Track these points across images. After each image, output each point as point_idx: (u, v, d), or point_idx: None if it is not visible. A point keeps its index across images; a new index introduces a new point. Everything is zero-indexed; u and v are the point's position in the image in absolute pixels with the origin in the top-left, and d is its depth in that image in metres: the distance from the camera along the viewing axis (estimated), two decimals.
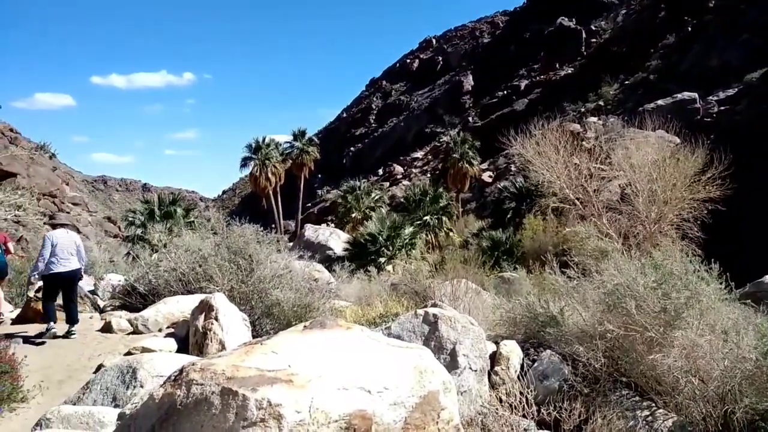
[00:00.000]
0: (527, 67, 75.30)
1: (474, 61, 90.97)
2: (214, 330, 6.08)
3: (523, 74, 74.94)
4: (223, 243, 8.34)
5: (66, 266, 7.22)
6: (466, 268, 14.38)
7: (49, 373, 5.63)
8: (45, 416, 3.22)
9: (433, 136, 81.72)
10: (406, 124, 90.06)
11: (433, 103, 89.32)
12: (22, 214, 9.25)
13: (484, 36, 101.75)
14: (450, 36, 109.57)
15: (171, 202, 27.63)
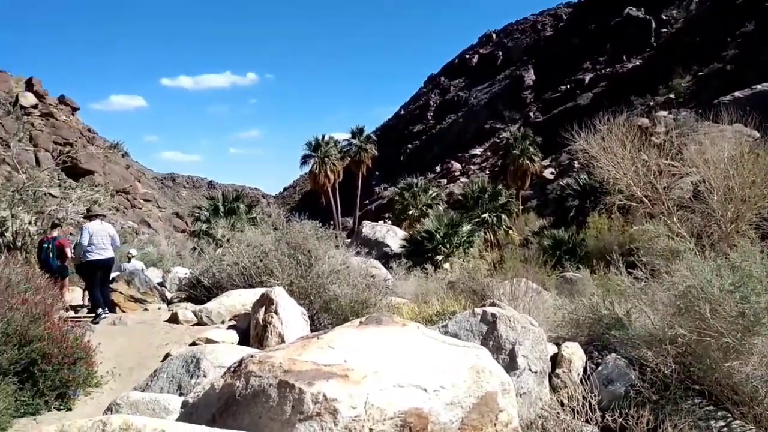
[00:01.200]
0: (592, 60, 72.66)
1: (535, 55, 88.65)
2: (274, 323, 6.21)
3: (588, 67, 72.38)
4: (283, 238, 8.52)
5: (101, 254, 7.94)
6: (526, 267, 14.05)
7: (120, 361, 5.93)
8: (115, 401, 3.39)
9: (492, 132, 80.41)
10: (465, 120, 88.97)
11: (492, 99, 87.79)
12: (98, 209, 9.79)
13: (547, 29, 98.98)
14: (511, 30, 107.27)
15: (234, 198, 28.56)
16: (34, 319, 4.77)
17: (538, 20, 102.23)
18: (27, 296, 5.24)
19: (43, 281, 6.34)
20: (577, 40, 76.42)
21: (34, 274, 6.44)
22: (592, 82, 65.71)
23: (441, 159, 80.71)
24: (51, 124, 65.90)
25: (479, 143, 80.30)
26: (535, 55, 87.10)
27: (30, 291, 5.76)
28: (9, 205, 8.38)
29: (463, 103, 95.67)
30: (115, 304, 7.74)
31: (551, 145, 53.81)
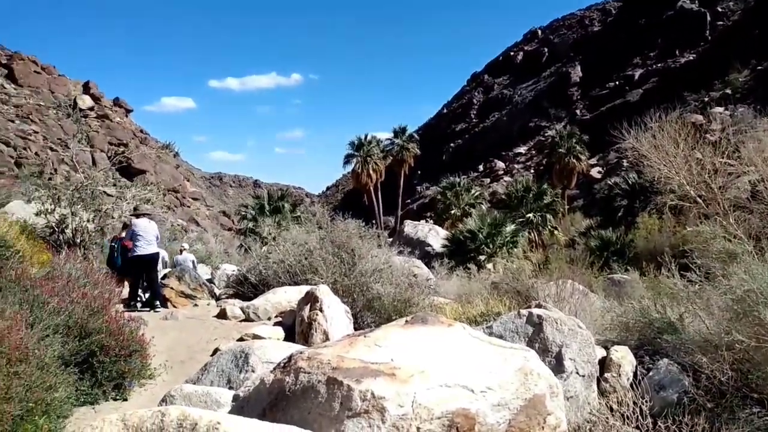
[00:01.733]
0: (642, 56, 70.27)
1: (582, 51, 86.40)
2: (319, 320, 6.31)
3: (637, 63, 70.03)
4: (327, 237, 8.63)
5: (147, 250, 8.27)
6: (572, 268, 13.73)
7: (172, 354, 6.14)
8: (169, 393, 3.52)
9: (537, 130, 78.96)
10: (509, 118, 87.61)
11: (537, 97, 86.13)
12: (150, 208, 10.16)
13: (594, 24, 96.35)
14: (557, 26, 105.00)
15: (279, 197, 29.08)
16: (93, 312, 5.00)
17: (586, 15, 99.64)
18: (86, 290, 5.49)
19: (100, 276, 6.63)
20: (627, 35, 74.05)
21: (92, 269, 6.75)
22: (642, 78, 63.55)
23: (484, 158, 79.71)
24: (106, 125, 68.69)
25: (523, 141, 78.95)
26: (582, 52, 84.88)
27: (89, 286, 6.03)
28: (69, 204, 8.82)
29: (507, 101, 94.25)
30: (167, 300, 8.05)
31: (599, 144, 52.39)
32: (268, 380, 2.58)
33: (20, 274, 4.98)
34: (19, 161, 48.73)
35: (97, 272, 6.75)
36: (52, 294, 4.86)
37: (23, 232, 6.97)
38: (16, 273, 4.94)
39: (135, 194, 9.99)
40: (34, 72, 63.54)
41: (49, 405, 3.68)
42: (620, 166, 53.02)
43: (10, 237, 5.73)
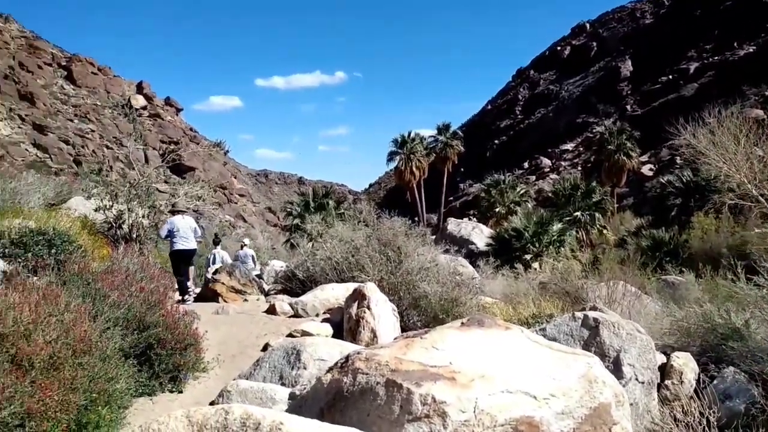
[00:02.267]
0: (697, 48, 67.30)
1: (633, 44, 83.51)
2: (366, 318, 6.31)
3: (692, 56, 67.11)
4: (373, 235, 8.63)
5: (184, 245, 8.65)
6: (623, 269, 13.29)
7: (224, 348, 6.27)
8: (226, 389, 3.59)
9: (584, 126, 77.01)
10: (555, 114, 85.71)
11: (585, 92, 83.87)
12: (201, 204, 10.42)
13: (646, 16, 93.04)
14: (606, 19, 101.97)
15: (324, 194, 29.37)
16: (151, 306, 5.15)
17: (637, 7, 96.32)
18: (144, 285, 5.66)
19: (156, 271, 6.83)
20: (681, 26, 71.12)
21: (148, 264, 6.96)
22: (698, 72, 60.85)
23: (529, 155, 78.21)
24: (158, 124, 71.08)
25: (570, 138, 77.03)
26: (632, 45, 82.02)
27: (145, 280, 6.23)
28: (126, 200, 9.14)
29: (554, 97, 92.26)
30: (218, 294, 8.23)
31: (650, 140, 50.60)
32: (325, 380, 2.58)
33: (82, 268, 5.18)
34: (78, 159, 51.03)
35: (153, 267, 6.96)
36: (112, 288, 5.03)
37: (84, 227, 7.27)
38: (79, 267, 5.14)
39: (187, 191, 10.27)
40: (91, 73, 66.40)
41: (110, 396, 3.80)
42: (673, 164, 51.02)
43: (73, 232, 5.99)
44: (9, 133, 45.08)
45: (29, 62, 55.96)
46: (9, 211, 7.38)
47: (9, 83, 50.03)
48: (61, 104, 57.46)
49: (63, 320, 3.77)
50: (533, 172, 74.23)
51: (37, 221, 5.76)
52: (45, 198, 8.85)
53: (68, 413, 3.33)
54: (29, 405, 3.13)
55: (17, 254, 5.19)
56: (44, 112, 52.05)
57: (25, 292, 3.73)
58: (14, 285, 3.86)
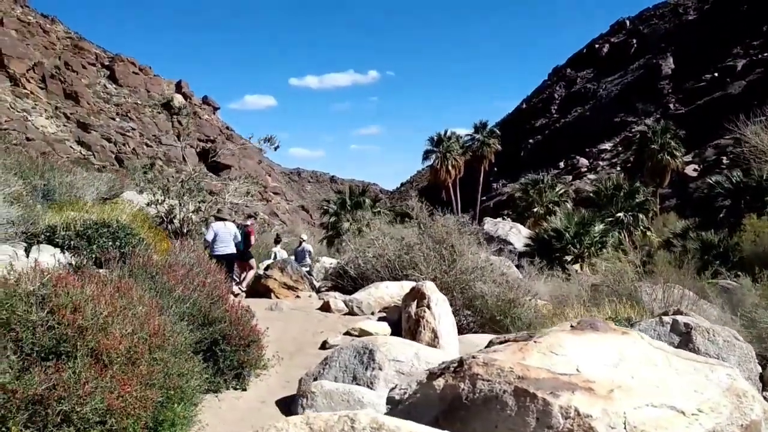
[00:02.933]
0: (743, 45, 64.79)
1: (675, 41, 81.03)
2: (427, 318, 6.11)
3: (738, 53, 64.65)
4: (426, 232, 8.42)
5: (224, 250, 8.79)
6: (679, 271, 12.71)
7: (281, 345, 6.15)
8: (309, 389, 3.44)
9: (622, 125, 75.26)
10: (592, 113, 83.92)
11: (624, 90, 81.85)
12: (249, 199, 10.41)
13: (689, 12, 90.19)
14: (647, 15, 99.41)
15: (360, 192, 29.33)
16: (214, 301, 5.06)
17: (680, 3, 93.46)
18: (204, 279, 5.59)
19: (212, 266, 6.77)
20: (726, 23, 68.56)
21: (203, 258, 6.90)
22: (745, 69, 58.51)
23: (565, 154, 76.71)
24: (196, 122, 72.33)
25: (608, 137, 75.30)
26: (674, 42, 79.55)
27: (202, 274, 6.17)
28: (177, 195, 9.16)
29: (591, 96, 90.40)
30: (270, 290, 8.15)
31: (694, 140, 49.01)
32: (438, 385, 2.38)
33: (146, 262, 5.12)
34: (119, 156, 52.34)
35: (209, 261, 6.90)
36: (176, 282, 4.96)
37: (145, 220, 7.29)
38: (143, 260, 5.09)
39: (237, 187, 10.26)
40: (132, 73, 68.06)
41: (184, 392, 3.69)
42: (719, 164, 49.26)
43: (136, 225, 5.96)
44: (55, 130, 46.53)
45: (74, 62, 57.65)
46: (66, 203, 7.45)
47: (55, 82, 51.63)
48: (104, 103, 59.03)
49: (137, 314, 3.68)
50: (569, 172, 72.78)
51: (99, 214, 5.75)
52: (99, 192, 8.94)
53: (146, 410, 3.23)
54: (110, 401, 3.04)
55: (82, 246, 5.18)
56: (88, 111, 53.56)
57: (99, 285, 3.65)
58: (88, 277, 3.79)
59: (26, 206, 5.65)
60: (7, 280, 3.31)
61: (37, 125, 44.89)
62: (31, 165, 8.09)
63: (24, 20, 56.80)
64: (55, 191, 7.86)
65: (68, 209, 6.75)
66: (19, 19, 56.14)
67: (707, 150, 52.47)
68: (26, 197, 6.28)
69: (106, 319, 3.35)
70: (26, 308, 3.11)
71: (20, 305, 3.10)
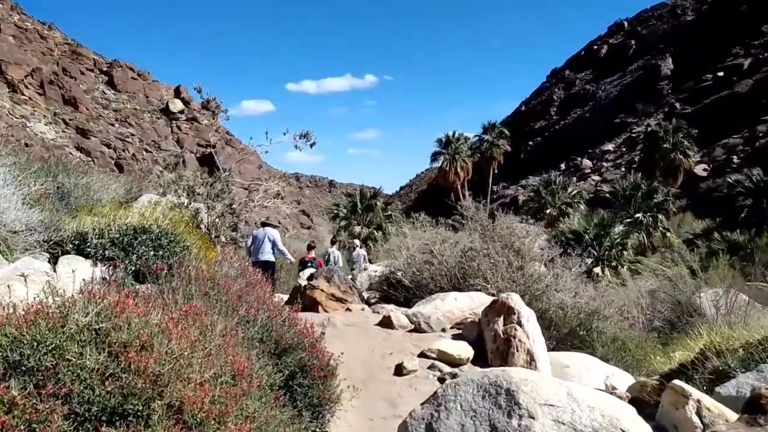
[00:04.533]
0: (743, 45, 64.40)
1: (674, 42, 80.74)
2: (519, 337, 5.18)
3: (738, 53, 64.22)
4: (488, 235, 7.50)
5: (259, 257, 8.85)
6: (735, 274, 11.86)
7: (347, 371, 5.18)
8: None
9: (622, 126, 74.98)
10: (592, 115, 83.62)
11: (623, 92, 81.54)
12: (280, 203, 9.50)
13: (687, 13, 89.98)
14: (645, 17, 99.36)
15: (372, 195, 28.42)
16: (283, 321, 4.12)
17: (678, 4, 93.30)
18: (263, 294, 4.66)
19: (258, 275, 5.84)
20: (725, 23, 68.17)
21: (247, 268, 5.96)
22: (752, 68, 57.96)
23: (565, 156, 76.22)
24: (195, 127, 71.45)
25: (608, 138, 74.97)
26: (673, 43, 79.26)
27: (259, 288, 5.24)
28: (204, 197, 8.22)
29: (590, 97, 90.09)
30: (317, 303, 7.18)
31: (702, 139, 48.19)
32: None
33: (199, 275, 4.18)
34: (119, 162, 51.35)
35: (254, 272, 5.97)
36: (237, 300, 4.02)
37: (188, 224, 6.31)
38: (195, 273, 4.14)
39: (267, 188, 9.34)
40: (131, 78, 67.14)
41: None
42: (730, 163, 48.54)
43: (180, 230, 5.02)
44: (54, 137, 45.52)
45: (72, 68, 56.70)
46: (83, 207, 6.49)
47: (54, 88, 50.65)
48: (103, 109, 58.10)
49: (216, 350, 2.74)
50: (572, 174, 72.16)
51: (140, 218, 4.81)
52: (117, 195, 8.00)
53: None
54: None
55: (118, 257, 4.24)
56: (87, 117, 52.62)
57: (166, 310, 2.72)
58: (145, 299, 2.86)
59: (49, 210, 4.71)
60: (46, 308, 2.36)
61: (36, 131, 43.89)
62: (43, 165, 7.13)
63: (21, 26, 55.83)
64: (71, 194, 6.91)
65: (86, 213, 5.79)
66: (17, 25, 55.17)
67: (716, 149, 51.73)
68: (47, 200, 5.32)
69: (184, 359, 2.41)
70: (79, 350, 2.17)
71: (71, 346, 2.15)
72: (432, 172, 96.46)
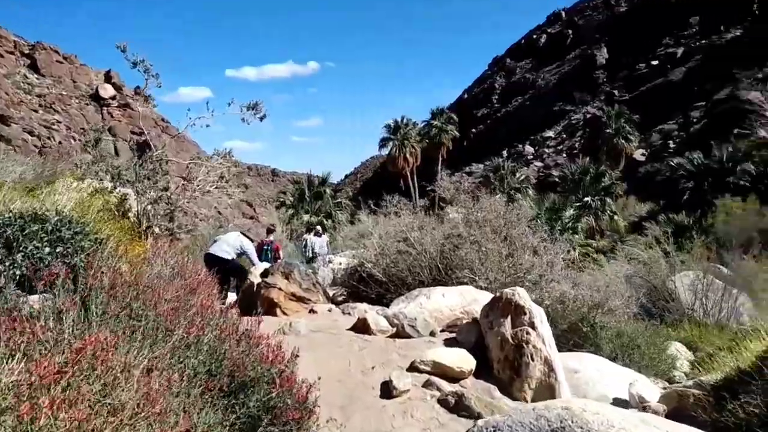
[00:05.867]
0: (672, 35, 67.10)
1: (609, 32, 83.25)
2: (533, 343, 4.21)
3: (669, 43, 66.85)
4: (474, 219, 6.51)
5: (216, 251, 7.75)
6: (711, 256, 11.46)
7: (323, 394, 4.06)
8: None
9: (561, 114, 76.80)
10: (533, 103, 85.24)
11: (561, 80, 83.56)
12: (225, 186, 8.18)
13: (621, 3, 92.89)
14: (582, 7, 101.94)
15: (320, 182, 27.08)
16: (239, 340, 2.95)
17: None
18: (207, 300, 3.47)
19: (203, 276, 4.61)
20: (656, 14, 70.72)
21: (186, 266, 4.70)
22: (685, 56, 60.21)
23: (508, 143, 77.29)
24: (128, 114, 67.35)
25: (548, 126, 76.73)
26: (608, 33, 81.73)
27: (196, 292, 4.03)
28: (132, 181, 6.78)
29: (530, 85, 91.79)
30: (275, 305, 5.94)
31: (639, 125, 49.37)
32: None
33: (115, 280, 2.93)
34: (43, 150, 47.38)
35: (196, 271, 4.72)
36: (173, 313, 2.81)
37: (103, 210, 4.89)
38: (111, 276, 2.89)
39: (210, 168, 7.98)
40: (56, 62, 62.28)
41: None
42: (666, 148, 50.08)
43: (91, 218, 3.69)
44: None
45: None
46: None
47: None
48: (25, 94, 53.56)
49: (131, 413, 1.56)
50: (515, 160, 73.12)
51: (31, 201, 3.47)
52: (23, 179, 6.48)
53: None
54: None
55: None
56: (7, 102, 48.23)
57: (42, 358, 1.52)
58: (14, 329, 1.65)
59: None
60: None
61: None
62: None
63: None
64: None
65: None
66: None
67: (653, 135, 53.33)
68: None
69: None
70: None
71: None
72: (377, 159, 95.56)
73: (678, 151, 45.46)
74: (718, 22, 60.61)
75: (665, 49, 65.90)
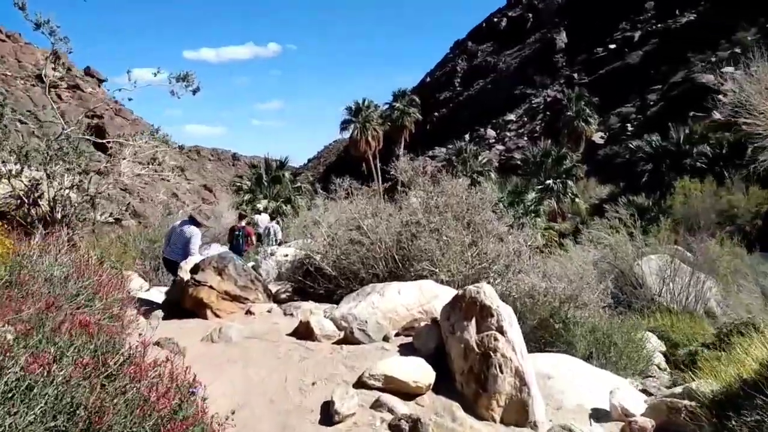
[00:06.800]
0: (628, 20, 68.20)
1: (568, 15, 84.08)
2: (502, 351, 3.57)
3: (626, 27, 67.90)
4: (433, 202, 5.83)
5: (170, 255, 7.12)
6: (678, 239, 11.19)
7: (244, 419, 3.31)
8: None
9: (522, 97, 77.43)
10: (494, 86, 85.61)
11: (522, 64, 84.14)
12: (159, 170, 7.26)
13: None
14: None
15: (279, 166, 26.03)
16: (110, 376, 2.17)
17: None
18: (85, 313, 2.67)
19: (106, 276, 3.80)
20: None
21: (88, 262, 3.86)
22: (642, 40, 61.12)
23: (470, 127, 77.49)
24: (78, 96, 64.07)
25: (510, 109, 77.30)
26: (567, 17, 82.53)
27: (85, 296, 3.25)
28: (44, 161, 5.80)
29: (492, 69, 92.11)
30: (205, 306, 5.08)
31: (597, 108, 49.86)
32: None
33: None
34: None
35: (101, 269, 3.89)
36: (43, 364, 2.01)
37: None
38: None
39: (137, 149, 7.03)
40: None
41: None
42: (624, 131, 50.75)
43: None
44: None
45: None
46: None
47: None
48: None
49: None
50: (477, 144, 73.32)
51: None
52: None
53: None
54: None
55: None
56: None
57: None
58: None
59: None
60: None
61: None
62: None
63: None
64: None
65: None
66: None
67: (611, 118, 53.98)
68: None
69: None
70: None
71: None
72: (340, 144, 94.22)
73: (636, 133, 46.12)
74: (673, 6, 61.56)
75: (622, 33, 66.75)
